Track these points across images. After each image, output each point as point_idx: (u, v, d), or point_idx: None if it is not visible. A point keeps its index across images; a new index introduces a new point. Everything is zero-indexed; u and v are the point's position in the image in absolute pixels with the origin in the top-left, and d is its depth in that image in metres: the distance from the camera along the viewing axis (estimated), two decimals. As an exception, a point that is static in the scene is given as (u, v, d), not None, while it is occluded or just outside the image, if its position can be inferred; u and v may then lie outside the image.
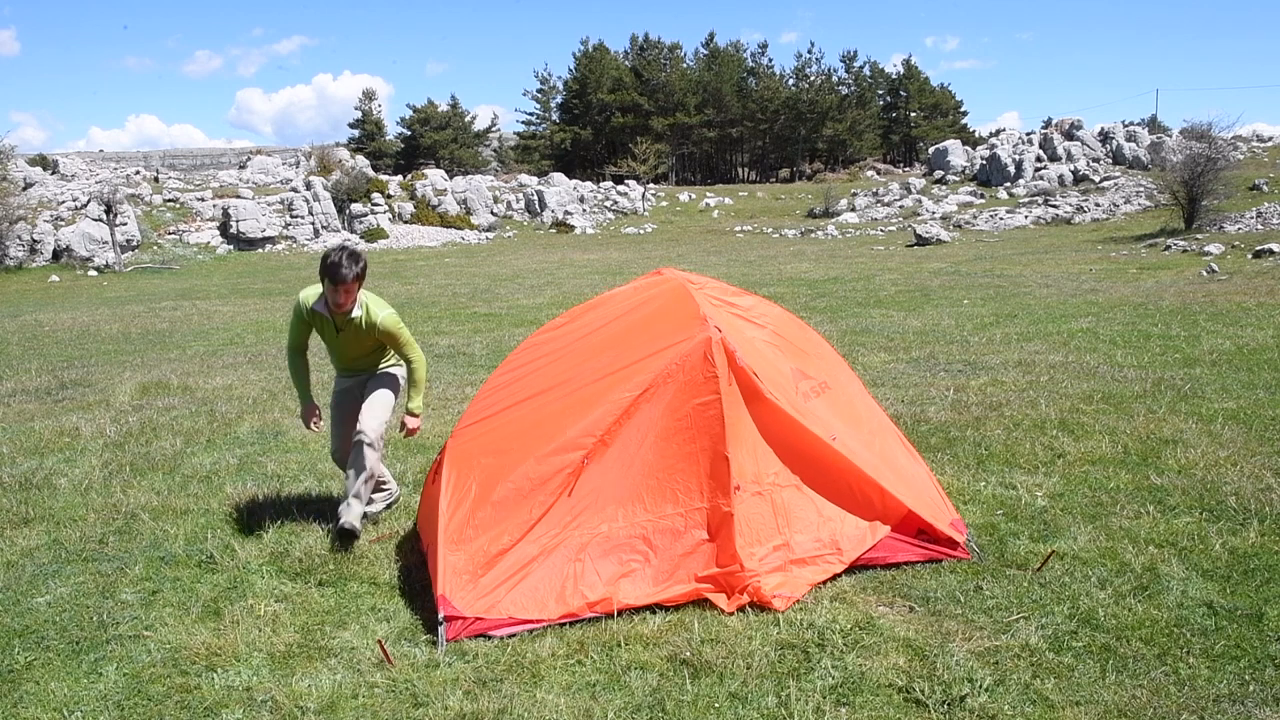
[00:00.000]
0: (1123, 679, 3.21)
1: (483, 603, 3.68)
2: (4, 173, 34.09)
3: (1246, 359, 8.53)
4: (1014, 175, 44.62)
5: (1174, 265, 18.28)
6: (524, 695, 3.23)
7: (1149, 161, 42.29)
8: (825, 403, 4.43)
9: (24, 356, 12.44)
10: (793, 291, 16.79)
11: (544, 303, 16.76)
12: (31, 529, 5.14)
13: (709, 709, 3.13)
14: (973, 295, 14.88)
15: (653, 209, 49.43)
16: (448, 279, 23.53)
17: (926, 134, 67.71)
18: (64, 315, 18.21)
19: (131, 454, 6.67)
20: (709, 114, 64.87)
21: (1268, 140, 47.27)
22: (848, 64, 70.80)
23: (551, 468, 3.88)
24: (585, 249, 34.71)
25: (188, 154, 59.28)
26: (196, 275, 30.06)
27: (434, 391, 8.67)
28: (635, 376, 3.98)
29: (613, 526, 3.85)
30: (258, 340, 13.44)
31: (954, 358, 9.39)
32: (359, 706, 3.22)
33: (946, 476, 5.38)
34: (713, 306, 4.33)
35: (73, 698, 3.34)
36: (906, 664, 3.35)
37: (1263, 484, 5.04)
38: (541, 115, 70.25)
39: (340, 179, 42.47)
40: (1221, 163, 26.24)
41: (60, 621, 3.96)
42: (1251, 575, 3.97)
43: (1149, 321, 11.13)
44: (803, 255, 27.72)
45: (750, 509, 3.91)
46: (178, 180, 45.37)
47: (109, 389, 9.42)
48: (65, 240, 32.30)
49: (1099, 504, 4.90)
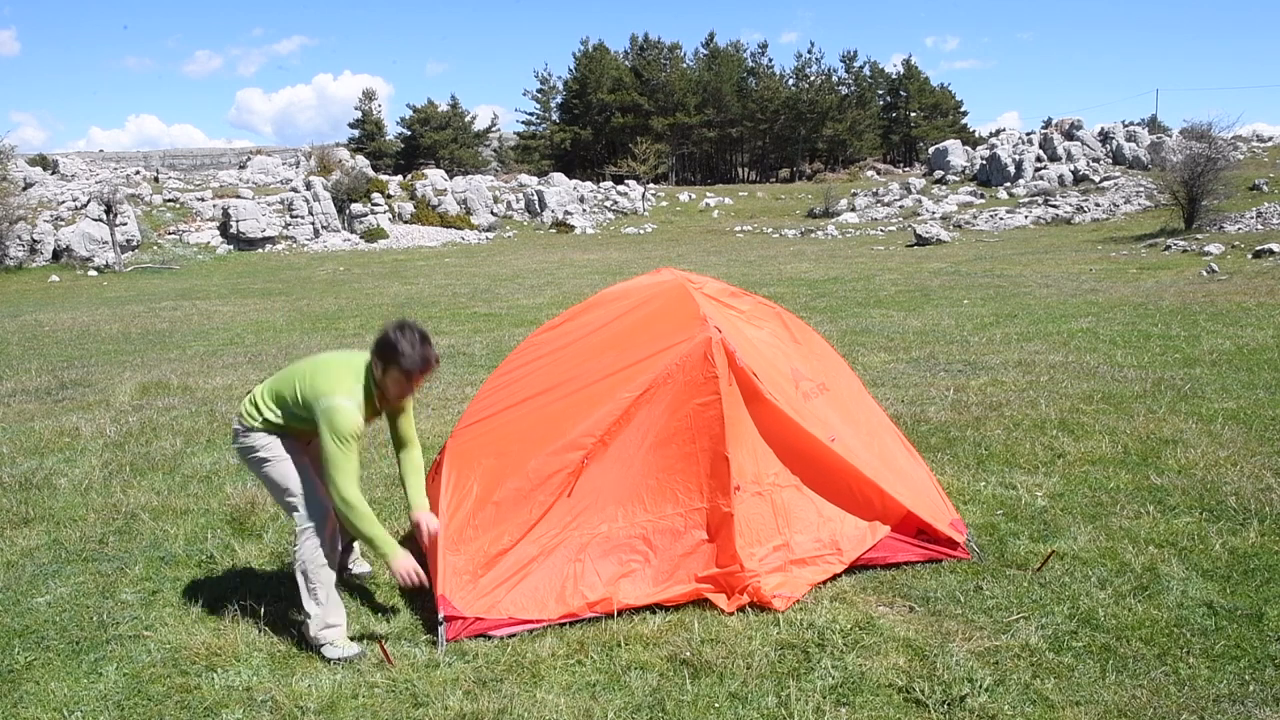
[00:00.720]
0: (1123, 679, 3.21)
1: (483, 603, 3.68)
2: (4, 173, 34.10)
3: (1246, 359, 8.53)
4: (1014, 175, 44.61)
5: (1174, 265, 18.28)
6: (524, 695, 3.23)
7: (1149, 161, 42.28)
8: (825, 403, 4.43)
9: (24, 356, 12.44)
10: (793, 291, 16.79)
11: (544, 303, 16.76)
12: (31, 529, 5.14)
13: (709, 709, 3.13)
14: (973, 295, 14.88)
15: (653, 209, 49.43)
16: (448, 279, 23.53)
17: (926, 134, 67.71)
18: (64, 315, 18.21)
19: (131, 454, 6.67)
20: (709, 114, 64.88)
21: (1268, 140, 47.26)
22: (848, 64, 70.88)
23: (551, 468, 3.88)
24: (585, 249, 34.71)
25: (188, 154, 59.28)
26: (196, 275, 30.05)
27: (434, 391, 8.68)
28: (636, 377, 3.98)
29: (613, 527, 3.85)
30: (258, 340, 13.44)
31: (954, 358, 9.39)
32: (359, 706, 3.22)
33: (946, 476, 5.38)
34: (713, 306, 4.32)
35: (73, 698, 3.34)
36: (906, 664, 3.35)
37: (1263, 484, 5.04)
38: (541, 115, 70.28)
39: (340, 179, 42.48)
40: (1221, 163, 26.23)
41: (60, 621, 3.96)
42: (1251, 575, 3.97)
43: (1149, 321, 11.13)
44: (803, 255, 27.71)
45: (750, 509, 3.91)
46: (178, 180, 45.39)
47: (109, 389, 9.42)
48: (65, 240, 32.31)
49: (1099, 504, 4.90)
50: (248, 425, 3.72)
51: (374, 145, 61.20)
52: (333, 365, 3.64)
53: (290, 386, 3.63)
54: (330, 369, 3.61)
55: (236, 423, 3.79)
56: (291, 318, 16.29)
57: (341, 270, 28.85)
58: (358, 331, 13.92)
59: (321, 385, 3.52)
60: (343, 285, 23.37)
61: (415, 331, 3.52)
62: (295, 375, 3.66)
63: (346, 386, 3.52)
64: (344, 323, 15.15)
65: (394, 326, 3.53)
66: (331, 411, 3.44)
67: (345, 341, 12.84)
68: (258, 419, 3.70)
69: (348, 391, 3.50)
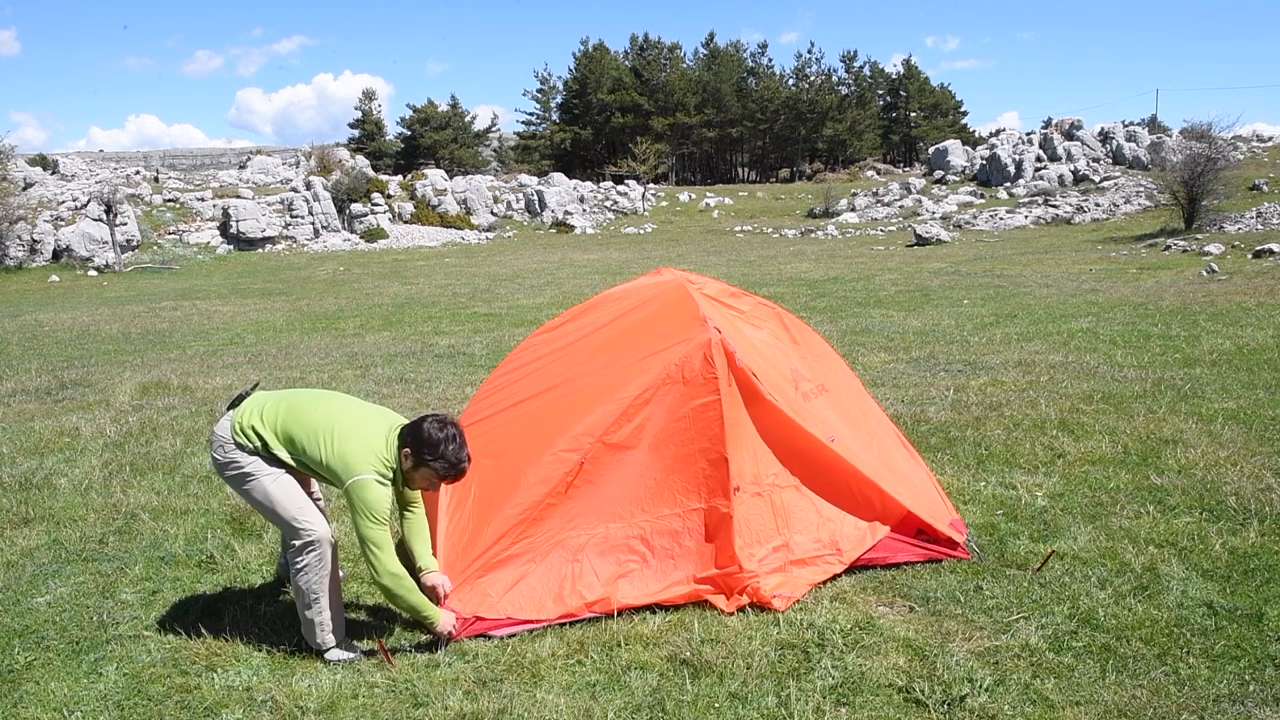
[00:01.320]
0: (1123, 679, 3.21)
1: (482, 605, 3.68)
2: (4, 173, 34.09)
3: (1246, 359, 8.53)
4: (1014, 175, 44.60)
5: (1174, 265, 18.28)
6: (524, 695, 3.23)
7: (1149, 161, 42.28)
8: (824, 403, 4.43)
9: (24, 356, 12.44)
10: (793, 291, 16.79)
11: (544, 303, 16.77)
12: (31, 529, 5.14)
13: (709, 709, 3.13)
14: (973, 295, 14.88)
15: (653, 209, 49.42)
16: (448, 279, 23.53)
17: (926, 134, 67.67)
18: (64, 315, 18.21)
19: (131, 454, 6.67)
20: (709, 114, 64.85)
21: (1268, 140, 47.25)
22: (848, 64, 70.81)
23: (550, 469, 3.87)
24: (585, 249, 34.71)
25: (188, 154, 59.27)
26: (196, 275, 30.05)
27: (434, 392, 8.68)
28: (635, 378, 3.98)
29: (611, 527, 3.85)
30: (258, 340, 13.44)
31: (954, 358, 9.39)
32: (359, 706, 3.22)
33: (946, 476, 5.38)
34: (712, 307, 4.32)
35: (73, 698, 3.34)
36: (906, 664, 3.35)
37: (1263, 484, 5.04)
38: (541, 115, 70.24)
39: (340, 179, 42.46)
40: (1221, 163, 26.23)
41: (60, 621, 3.96)
42: (1251, 575, 3.97)
43: (1149, 321, 11.13)
44: (803, 255, 27.71)
45: (750, 510, 3.91)
46: (178, 180, 45.37)
47: (109, 389, 9.42)
48: (65, 240, 32.30)
49: (1099, 504, 4.90)
50: (238, 444, 3.52)
51: (374, 145, 61.18)
52: (363, 434, 3.46)
53: (312, 441, 3.45)
54: (359, 438, 3.44)
55: (223, 432, 3.57)
56: (291, 318, 16.29)
57: (341, 270, 28.86)
58: (357, 332, 13.93)
59: (352, 459, 3.38)
60: (343, 285, 23.38)
61: (458, 437, 3.43)
62: (318, 431, 3.47)
63: (379, 461, 3.42)
64: (344, 323, 15.15)
65: (437, 425, 3.41)
66: (364, 489, 3.34)
67: (345, 342, 12.85)
68: (254, 443, 3.51)
69: (381, 469, 3.40)
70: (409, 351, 11.51)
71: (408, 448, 3.44)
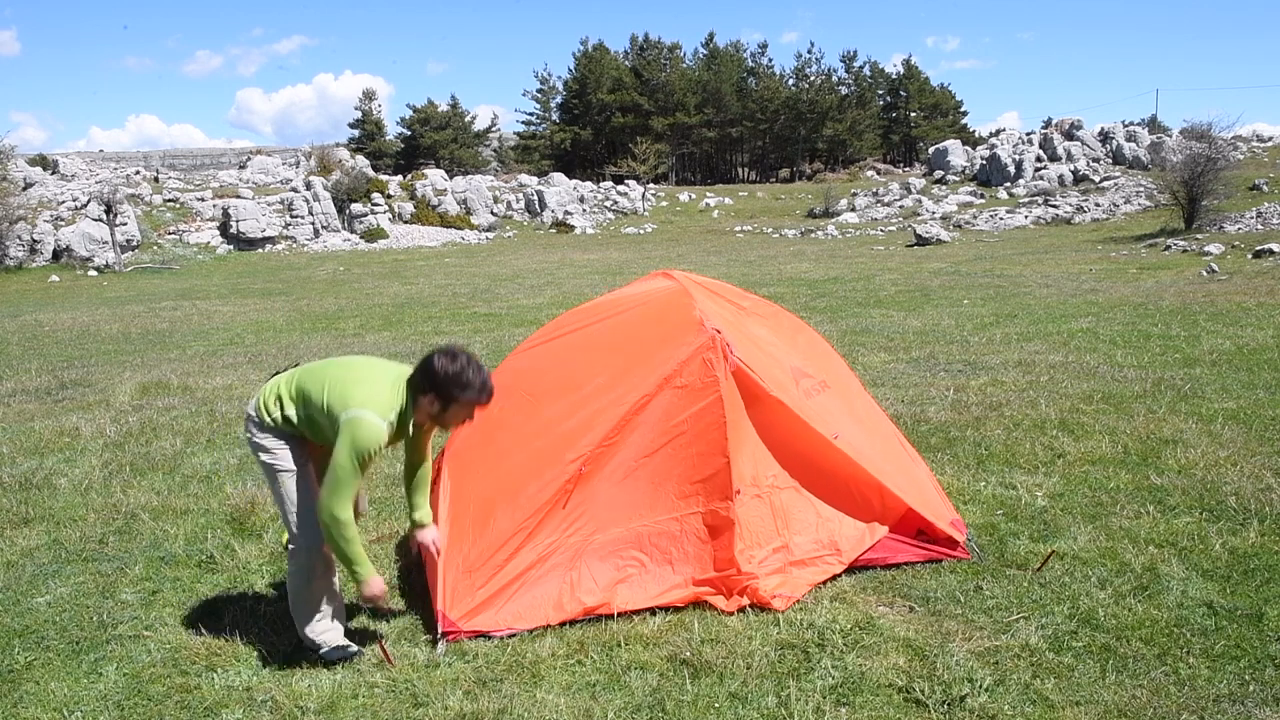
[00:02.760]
0: (1123, 679, 3.21)
1: (482, 617, 3.66)
2: (4, 173, 34.09)
3: (1246, 359, 8.53)
4: (1014, 175, 44.61)
5: (1174, 265, 18.28)
6: (524, 695, 3.23)
7: (1149, 161, 42.28)
8: (827, 400, 4.43)
9: (24, 356, 12.44)
10: (793, 291, 16.79)
11: (544, 303, 16.76)
12: (31, 529, 5.14)
13: (709, 709, 3.13)
14: (973, 295, 14.88)
15: (653, 209, 49.42)
16: (448, 279, 23.53)
17: (926, 134, 67.70)
18: (64, 315, 18.21)
19: (131, 454, 6.67)
20: (709, 114, 64.87)
21: (1268, 140, 47.25)
22: (848, 64, 70.85)
23: (549, 474, 3.86)
24: (585, 249, 34.70)
25: (188, 154, 59.27)
26: (196, 275, 30.05)
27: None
28: (634, 382, 3.96)
29: (610, 532, 3.84)
30: (258, 340, 13.44)
31: (954, 358, 9.39)
32: (359, 706, 3.22)
33: (946, 476, 5.38)
34: (713, 305, 4.32)
35: (73, 698, 3.34)
36: (906, 664, 3.35)
37: (1263, 484, 5.04)
38: (541, 115, 70.25)
39: (340, 179, 42.46)
40: (1221, 163, 26.23)
41: (60, 621, 3.96)
42: (1251, 575, 3.97)
43: (1149, 321, 11.13)
44: (803, 255, 27.71)
45: (749, 512, 3.90)
46: (178, 180, 45.37)
47: (109, 389, 9.42)
48: (65, 240, 32.30)
49: (1099, 504, 4.90)
50: (261, 421, 3.46)
51: (374, 145, 61.19)
52: (372, 375, 3.37)
53: (319, 385, 3.34)
54: (368, 378, 3.34)
55: (251, 410, 3.51)
56: (291, 318, 16.29)
57: (341, 270, 28.86)
58: (357, 332, 13.92)
59: (354, 394, 3.24)
60: (343, 285, 23.37)
61: (472, 359, 3.31)
62: (327, 374, 3.39)
63: (382, 402, 3.26)
64: (344, 323, 15.15)
65: (448, 359, 3.26)
66: (357, 424, 3.18)
67: (345, 341, 12.85)
68: (274, 415, 3.42)
69: (381, 408, 3.25)
70: (409, 351, 11.51)
71: (430, 393, 3.29)
